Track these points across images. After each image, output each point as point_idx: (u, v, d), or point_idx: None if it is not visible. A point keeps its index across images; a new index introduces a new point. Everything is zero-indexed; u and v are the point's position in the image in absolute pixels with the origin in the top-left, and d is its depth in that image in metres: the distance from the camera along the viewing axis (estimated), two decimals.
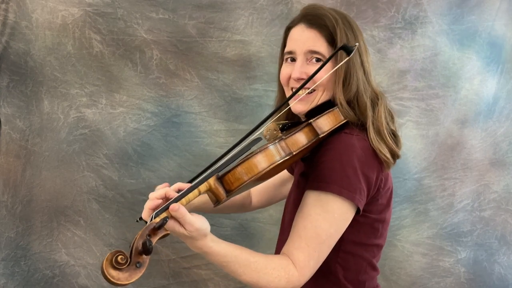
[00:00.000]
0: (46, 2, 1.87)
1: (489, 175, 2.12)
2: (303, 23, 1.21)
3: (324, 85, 1.18)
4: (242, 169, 0.98)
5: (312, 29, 1.19)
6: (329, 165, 1.08)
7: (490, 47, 2.04)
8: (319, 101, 1.20)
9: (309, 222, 1.07)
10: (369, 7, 1.95)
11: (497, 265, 2.16)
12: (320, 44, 1.18)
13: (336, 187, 1.06)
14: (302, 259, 1.05)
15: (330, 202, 1.07)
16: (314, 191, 1.09)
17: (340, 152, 1.09)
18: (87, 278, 2.00)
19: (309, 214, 1.07)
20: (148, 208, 0.99)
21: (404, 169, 2.04)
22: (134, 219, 1.99)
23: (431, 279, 2.12)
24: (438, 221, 2.09)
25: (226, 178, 0.98)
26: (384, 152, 1.13)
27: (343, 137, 1.12)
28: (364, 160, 1.10)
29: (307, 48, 1.18)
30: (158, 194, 1.00)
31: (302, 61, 1.19)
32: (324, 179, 1.07)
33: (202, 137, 1.99)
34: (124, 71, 1.94)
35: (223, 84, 1.97)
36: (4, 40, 1.88)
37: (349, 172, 1.07)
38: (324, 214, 1.07)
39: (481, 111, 2.07)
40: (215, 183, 0.98)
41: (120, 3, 1.89)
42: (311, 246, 1.06)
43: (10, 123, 1.93)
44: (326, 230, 1.07)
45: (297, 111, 1.22)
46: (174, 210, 0.91)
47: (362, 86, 1.18)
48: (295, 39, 1.21)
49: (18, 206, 1.96)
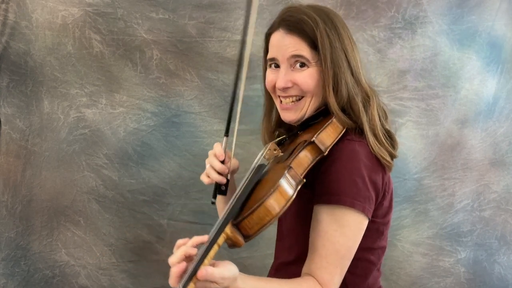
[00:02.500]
0: (46, 2, 1.87)
1: (489, 175, 2.12)
2: (282, 28, 1.16)
3: (311, 91, 1.15)
4: (259, 214, 0.93)
5: (292, 34, 1.14)
6: (338, 176, 1.05)
7: (490, 47, 2.04)
8: (309, 107, 1.16)
9: (327, 240, 1.05)
10: (369, 7, 1.95)
11: (497, 265, 2.16)
12: (303, 48, 1.14)
13: (349, 199, 1.04)
14: (326, 277, 1.05)
15: (345, 215, 1.05)
16: (326, 205, 1.06)
17: (346, 161, 1.06)
18: (87, 278, 2.00)
19: (326, 231, 1.06)
20: (175, 277, 0.91)
21: (404, 169, 2.04)
22: (134, 219, 2.00)
23: (431, 279, 2.12)
24: (438, 221, 2.09)
25: (243, 224, 0.94)
26: (385, 156, 1.11)
27: (346, 144, 1.09)
28: (370, 167, 1.08)
29: (290, 54, 1.14)
30: (178, 257, 0.91)
31: (286, 68, 1.15)
32: (334, 191, 1.05)
33: (202, 137, 1.99)
34: (124, 71, 1.94)
35: (223, 84, 1.97)
36: (4, 40, 1.88)
37: (358, 182, 1.05)
38: (341, 229, 1.05)
39: (481, 111, 2.07)
40: (232, 231, 0.93)
41: (120, 3, 1.89)
42: (333, 263, 1.06)
43: (10, 123, 1.93)
44: (345, 245, 1.06)
45: (287, 120, 1.20)
46: (203, 276, 0.86)
47: (353, 90, 1.14)
48: (276, 45, 1.17)
49: (18, 206, 1.96)
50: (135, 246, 2.00)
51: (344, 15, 1.95)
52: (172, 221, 2.00)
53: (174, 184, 2.00)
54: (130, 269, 2.01)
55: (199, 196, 2.00)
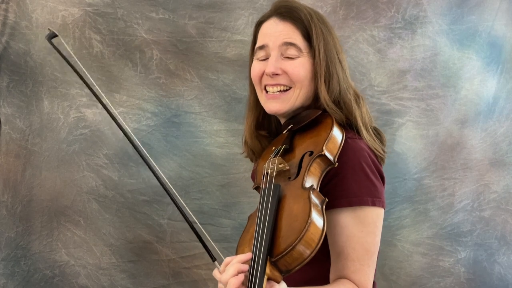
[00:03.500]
0: (46, 2, 1.87)
1: (489, 175, 2.12)
2: (276, 16, 1.15)
3: (300, 82, 1.12)
4: (299, 249, 0.89)
5: (286, 21, 1.13)
6: (353, 177, 1.04)
7: (490, 47, 2.04)
8: (296, 100, 1.14)
9: (356, 243, 1.05)
10: (369, 7, 1.95)
11: (497, 265, 2.16)
12: (296, 36, 1.12)
13: (370, 198, 1.05)
14: (363, 279, 1.06)
15: (367, 214, 1.06)
16: (347, 208, 1.04)
17: (356, 160, 1.06)
18: (87, 278, 2.00)
19: (353, 234, 1.05)
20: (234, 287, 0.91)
21: (404, 169, 2.04)
22: (134, 219, 2.00)
23: (431, 279, 2.12)
24: (438, 221, 2.09)
25: (283, 261, 0.90)
26: (378, 149, 1.12)
27: (351, 144, 1.07)
28: (374, 161, 1.09)
29: (282, 41, 1.12)
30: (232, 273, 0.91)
31: (276, 56, 1.12)
32: (353, 193, 1.04)
33: (202, 137, 1.99)
34: (124, 71, 1.94)
35: (223, 84, 1.97)
36: (4, 40, 1.88)
37: (372, 178, 1.06)
38: (366, 228, 1.06)
39: (481, 111, 2.07)
40: (271, 270, 0.90)
41: (120, 3, 1.89)
42: (366, 264, 1.06)
43: (10, 123, 1.93)
44: (373, 242, 1.07)
45: (273, 111, 1.16)
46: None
47: (344, 84, 1.13)
48: (268, 33, 1.15)
49: (18, 206, 1.96)
50: (135, 246, 2.00)
51: (344, 15, 1.95)
52: (172, 221, 2.00)
53: (174, 184, 1.99)
54: (130, 269, 2.01)
55: (199, 196, 2.00)
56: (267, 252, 0.89)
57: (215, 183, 2.01)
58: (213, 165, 2.00)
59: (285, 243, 0.89)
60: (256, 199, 1.80)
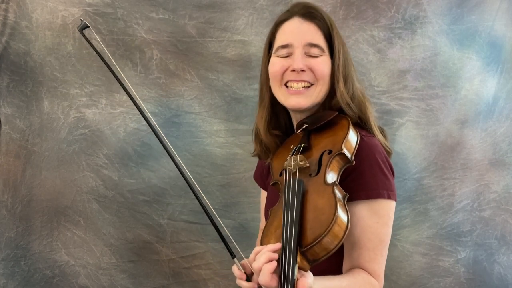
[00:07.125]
0: (46, 2, 1.87)
1: (489, 175, 2.12)
2: (299, 16, 1.19)
3: (323, 79, 1.17)
4: (327, 240, 0.95)
5: (310, 22, 1.18)
6: (371, 172, 1.10)
7: (490, 47, 2.04)
8: (318, 96, 1.18)
9: (371, 234, 1.10)
10: (369, 7, 1.95)
11: (497, 265, 2.16)
12: (319, 37, 1.17)
13: (385, 192, 1.10)
14: (377, 268, 1.11)
15: (382, 207, 1.11)
16: (364, 201, 1.09)
17: (372, 157, 1.11)
18: (87, 278, 2.00)
19: (369, 226, 1.10)
20: (269, 273, 0.94)
21: (404, 169, 2.04)
22: (134, 219, 2.00)
23: (431, 279, 2.12)
24: (438, 221, 2.09)
25: (311, 251, 0.96)
26: (387, 144, 1.19)
27: (366, 141, 1.12)
28: (387, 156, 1.15)
29: (307, 41, 1.17)
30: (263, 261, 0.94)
31: (301, 53, 1.17)
32: (371, 187, 1.09)
33: (202, 137, 1.99)
34: (124, 71, 1.93)
35: (223, 84, 1.97)
36: (4, 40, 1.88)
37: (387, 173, 1.12)
38: (381, 220, 1.11)
39: (481, 111, 2.07)
40: (301, 259, 0.96)
41: (120, 3, 1.89)
42: (379, 253, 1.12)
43: (10, 123, 1.93)
44: (386, 233, 1.13)
45: (295, 106, 1.20)
46: None
47: (357, 83, 1.21)
48: (292, 31, 1.18)
49: (18, 206, 1.96)
50: (135, 246, 2.00)
51: (344, 15, 1.95)
52: (172, 221, 2.00)
53: (174, 184, 2.00)
54: (130, 269, 2.01)
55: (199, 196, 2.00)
56: (297, 242, 0.95)
57: (215, 183, 2.01)
58: (213, 165, 2.00)
59: (314, 234, 0.95)
60: (257, 199, 1.80)
